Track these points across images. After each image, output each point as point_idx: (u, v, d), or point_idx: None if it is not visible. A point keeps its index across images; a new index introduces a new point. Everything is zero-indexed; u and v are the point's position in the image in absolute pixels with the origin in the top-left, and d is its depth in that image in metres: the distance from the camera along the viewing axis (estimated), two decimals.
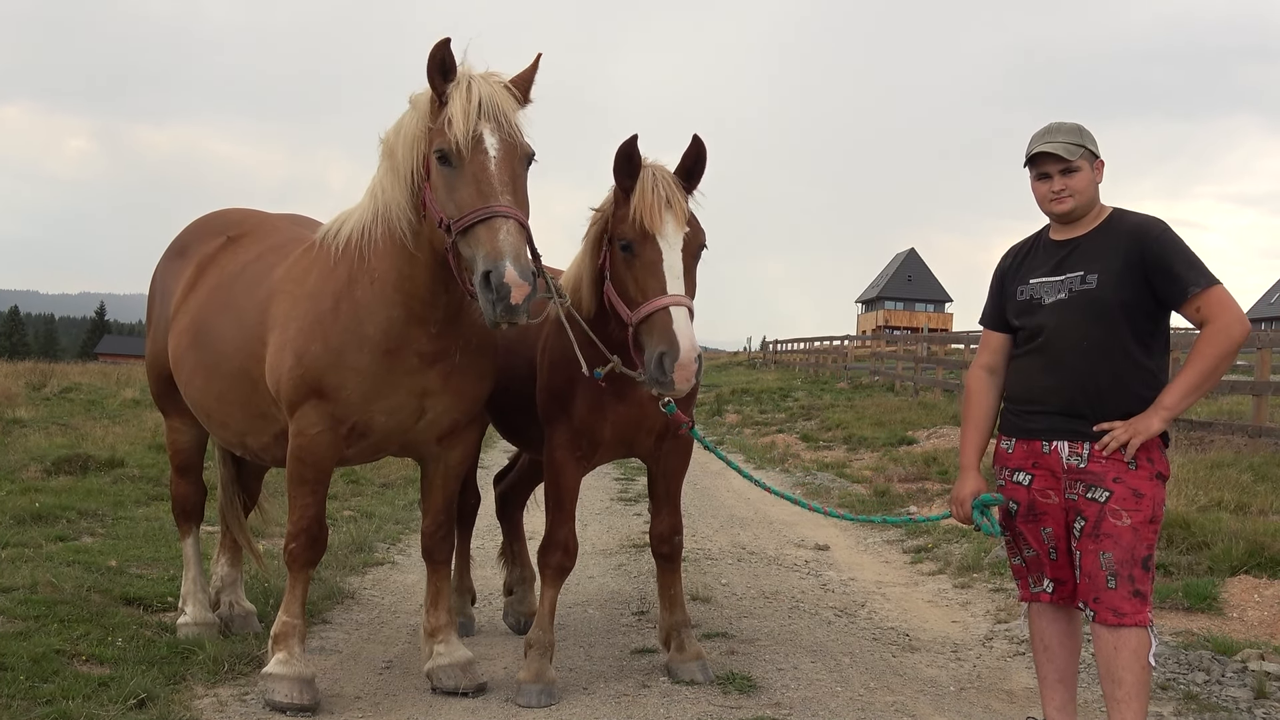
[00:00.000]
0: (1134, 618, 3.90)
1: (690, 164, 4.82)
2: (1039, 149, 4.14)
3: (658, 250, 4.57)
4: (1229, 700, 5.21)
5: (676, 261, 4.58)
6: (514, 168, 4.36)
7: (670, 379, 4.37)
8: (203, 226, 6.16)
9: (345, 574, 7.81)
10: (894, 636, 6.50)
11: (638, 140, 4.68)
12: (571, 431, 5.14)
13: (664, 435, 5.28)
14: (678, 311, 4.45)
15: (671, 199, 4.64)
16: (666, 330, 4.42)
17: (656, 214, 4.59)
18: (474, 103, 4.31)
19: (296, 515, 5.00)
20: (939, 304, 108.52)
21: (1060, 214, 4.18)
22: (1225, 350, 3.94)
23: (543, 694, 5.08)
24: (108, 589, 6.68)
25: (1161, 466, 4.02)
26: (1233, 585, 6.89)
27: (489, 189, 4.24)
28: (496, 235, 4.15)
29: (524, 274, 4.09)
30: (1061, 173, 4.12)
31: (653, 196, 4.61)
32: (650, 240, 4.59)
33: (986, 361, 4.50)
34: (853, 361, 37.66)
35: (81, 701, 4.69)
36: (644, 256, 4.60)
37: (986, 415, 4.48)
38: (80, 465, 11.79)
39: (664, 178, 4.69)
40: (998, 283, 4.48)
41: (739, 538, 9.88)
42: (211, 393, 5.47)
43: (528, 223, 4.32)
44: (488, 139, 4.31)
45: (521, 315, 4.15)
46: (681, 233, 4.63)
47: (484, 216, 4.19)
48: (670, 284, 4.52)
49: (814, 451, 17.12)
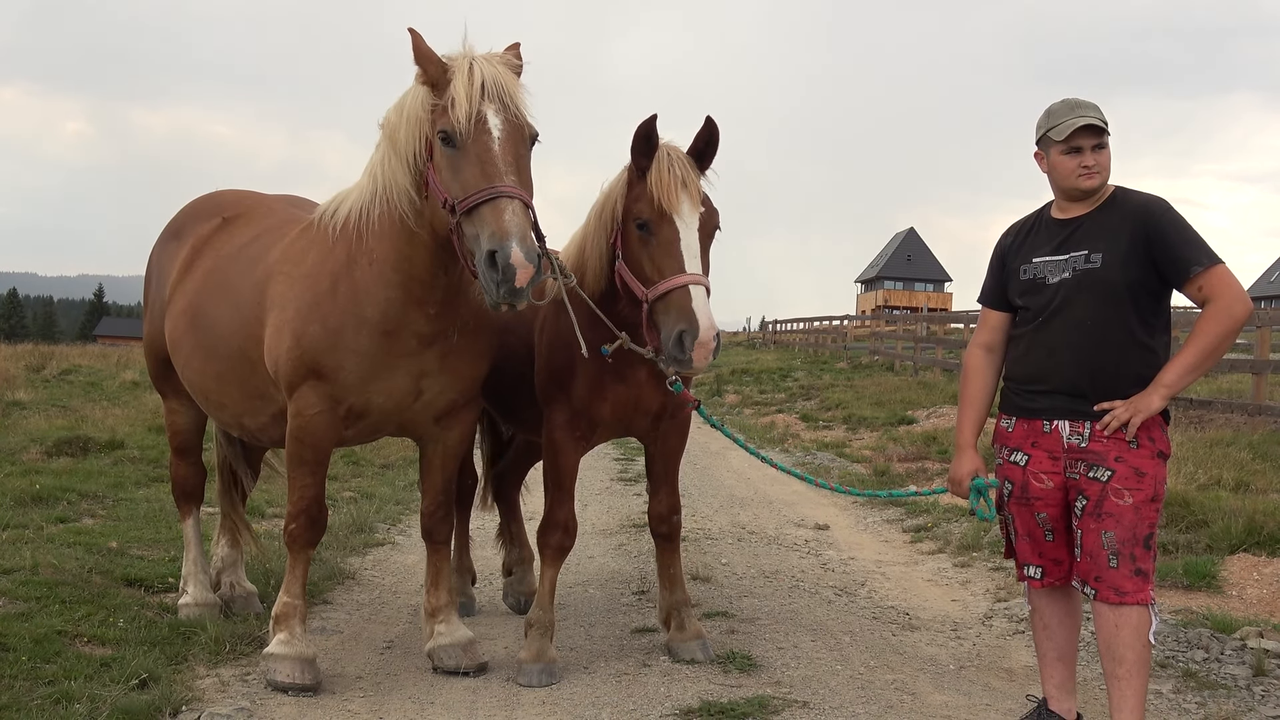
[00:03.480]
0: (1135, 596, 3.91)
1: (702, 145, 4.82)
2: (1082, 122, 4.03)
3: (674, 230, 4.60)
4: (1228, 678, 5.22)
5: (694, 241, 4.60)
6: (518, 148, 4.34)
7: (689, 357, 4.40)
8: (198, 208, 6.14)
9: (346, 555, 7.82)
10: (894, 615, 6.51)
11: (656, 120, 4.68)
12: (570, 412, 5.15)
13: (661, 415, 5.29)
14: (696, 290, 4.47)
15: (687, 179, 4.67)
16: (685, 308, 4.44)
17: (674, 193, 4.61)
18: (477, 83, 4.29)
19: (296, 496, 5.01)
20: (938, 283, 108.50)
21: (1087, 189, 4.10)
22: (1227, 329, 3.93)
23: (544, 673, 5.09)
24: (109, 570, 6.69)
25: (1163, 445, 4.02)
26: (1232, 563, 6.90)
27: (494, 169, 4.22)
28: (502, 216, 4.12)
29: (529, 255, 4.07)
30: (1094, 148, 4.07)
31: (669, 176, 4.64)
32: (667, 219, 4.61)
33: (985, 340, 4.49)
34: (852, 341, 37.64)
35: (83, 682, 4.71)
36: (661, 235, 4.62)
37: (984, 394, 4.48)
38: (80, 447, 11.80)
39: (680, 158, 4.72)
40: (998, 261, 4.45)
41: (739, 517, 9.89)
42: (209, 374, 5.47)
43: (532, 204, 4.30)
44: (491, 119, 4.29)
45: (524, 297, 4.13)
46: (698, 213, 4.66)
47: (489, 197, 4.17)
48: (688, 263, 4.54)
49: (814, 431, 17.12)
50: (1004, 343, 4.45)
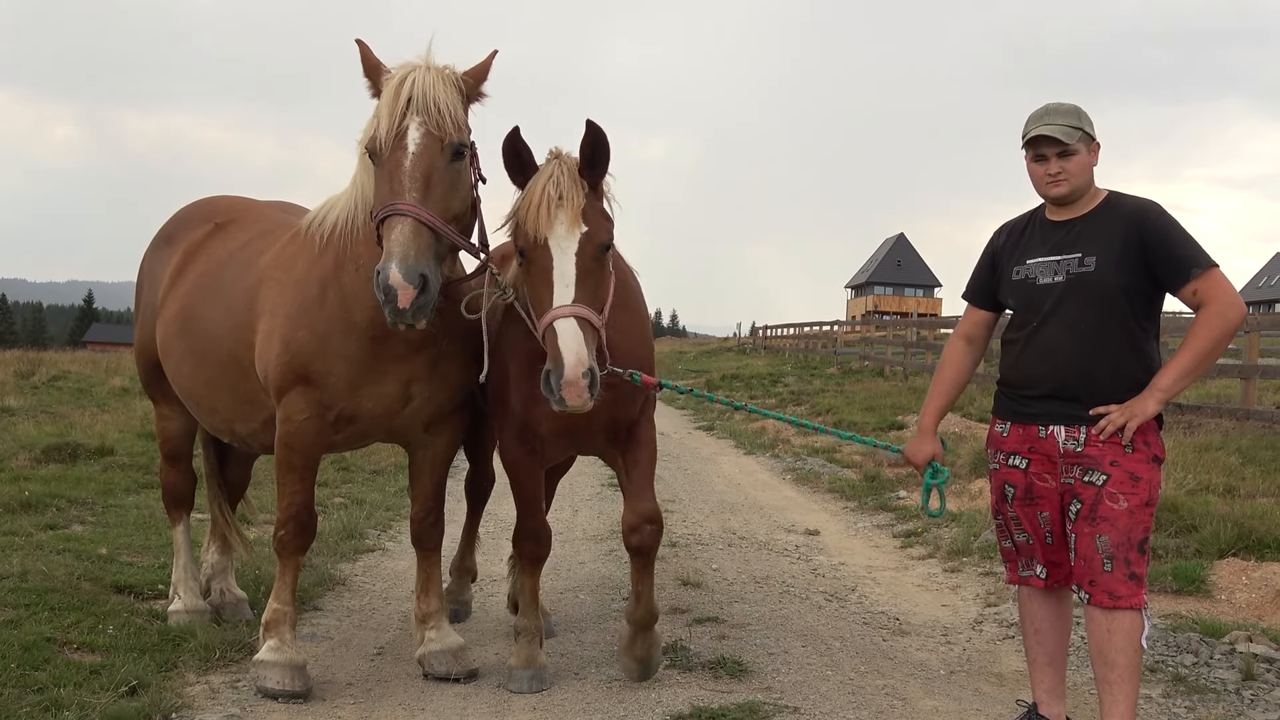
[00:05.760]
0: (1129, 600, 3.91)
1: (589, 153, 4.37)
2: (1036, 131, 4.10)
3: (548, 256, 4.24)
4: (1217, 682, 5.24)
5: (569, 268, 4.21)
6: (431, 161, 4.28)
7: (559, 396, 4.12)
8: (190, 214, 6.14)
9: (336, 561, 7.80)
10: (884, 620, 6.52)
11: (520, 132, 4.32)
12: (516, 427, 4.93)
13: (616, 434, 4.97)
14: (563, 325, 4.14)
15: (566, 195, 4.26)
16: (553, 346, 4.15)
17: (545, 216, 4.23)
18: (402, 98, 4.27)
19: (285, 502, 5.00)
20: (928, 289, 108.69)
21: (1056, 197, 4.16)
22: (1221, 333, 3.94)
23: (534, 679, 5.08)
24: (98, 577, 6.66)
25: (1157, 449, 4.03)
26: (1221, 568, 6.92)
27: (398, 185, 4.21)
28: (390, 234, 4.11)
29: (409, 275, 4.01)
30: (1058, 155, 4.09)
31: (540, 196, 4.26)
32: (541, 246, 4.26)
33: (965, 331, 4.59)
34: (842, 346, 37.67)
35: (73, 689, 4.68)
36: (537, 264, 4.29)
37: (955, 382, 4.60)
38: (70, 453, 11.73)
39: (558, 173, 4.31)
40: (988, 259, 4.46)
41: (729, 523, 9.89)
42: (200, 379, 5.46)
43: (434, 220, 4.20)
44: (411, 134, 4.26)
45: (412, 317, 4.09)
46: (576, 233, 4.24)
47: (384, 215, 4.18)
48: (559, 293, 4.19)
49: (804, 437, 17.12)
50: (985, 337, 4.57)
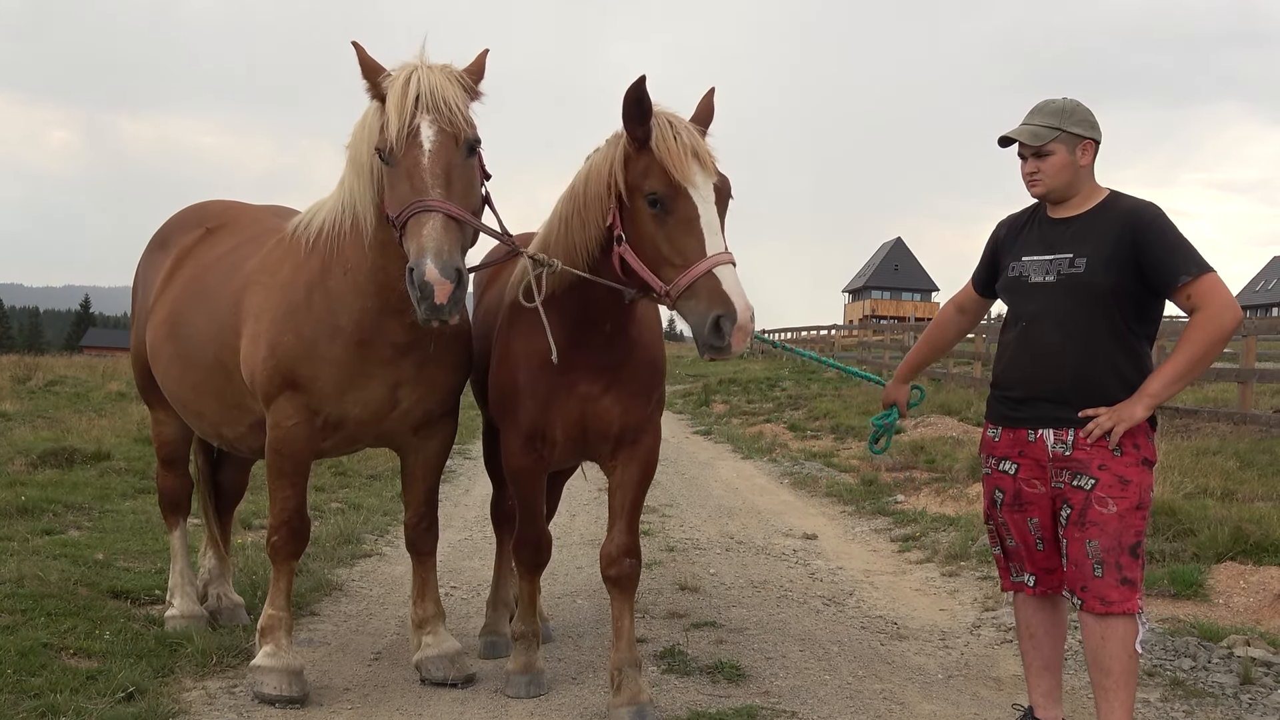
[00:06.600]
0: (1122, 605, 3.88)
1: (706, 112, 4.39)
2: (1005, 133, 4.13)
3: (692, 205, 4.08)
4: (1215, 686, 5.23)
5: (713, 215, 4.10)
6: (449, 158, 4.26)
7: (728, 343, 3.94)
8: (184, 218, 6.14)
9: (333, 566, 7.79)
10: (882, 625, 6.52)
11: (646, 82, 4.13)
12: (522, 433, 4.78)
13: (622, 440, 4.84)
14: (725, 271, 3.98)
15: (697, 147, 4.17)
16: (718, 292, 3.95)
17: (687, 163, 4.09)
18: (410, 96, 4.24)
19: (277, 508, 4.98)
20: (925, 293, 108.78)
21: (1035, 196, 4.18)
22: (1215, 338, 3.89)
23: (531, 684, 5.07)
24: (95, 582, 6.65)
25: (1148, 452, 4.00)
26: (1219, 572, 6.92)
27: (420, 183, 4.17)
28: (420, 230, 4.07)
29: (445, 270, 3.98)
30: (1034, 155, 4.10)
31: (678, 145, 4.11)
32: (683, 194, 4.09)
33: (960, 300, 4.75)
34: (840, 351, 37.72)
35: (69, 695, 4.67)
36: (678, 213, 4.09)
37: (939, 341, 4.87)
38: (66, 458, 11.72)
39: (684, 124, 4.22)
40: (990, 251, 4.49)
41: (727, 527, 9.89)
42: (187, 384, 5.46)
43: (464, 214, 4.20)
44: (424, 131, 4.23)
45: (448, 314, 4.05)
46: (712, 182, 4.15)
47: (413, 212, 4.13)
48: (709, 242, 4.04)
49: (801, 441, 17.12)
50: (978, 311, 4.75)
